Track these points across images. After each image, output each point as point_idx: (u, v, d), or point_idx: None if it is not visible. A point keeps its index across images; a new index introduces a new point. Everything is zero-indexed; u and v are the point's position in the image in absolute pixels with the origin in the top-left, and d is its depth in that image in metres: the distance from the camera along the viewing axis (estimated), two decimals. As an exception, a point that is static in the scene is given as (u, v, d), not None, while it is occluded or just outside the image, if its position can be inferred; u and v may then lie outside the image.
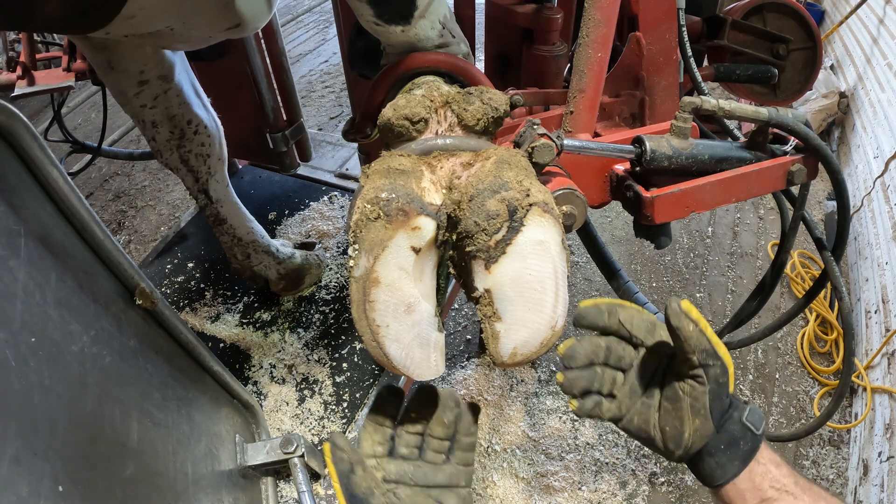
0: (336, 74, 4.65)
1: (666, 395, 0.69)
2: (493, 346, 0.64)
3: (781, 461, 0.68)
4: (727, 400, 0.65)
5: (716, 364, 0.63)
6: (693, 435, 0.65)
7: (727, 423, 0.66)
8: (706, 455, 0.66)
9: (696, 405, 0.65)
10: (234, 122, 2.09)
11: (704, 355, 0.63)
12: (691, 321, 0.63)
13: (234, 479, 1.37)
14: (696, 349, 0.63)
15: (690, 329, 0.62)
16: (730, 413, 0.66)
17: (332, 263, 2.25)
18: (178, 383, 1.19)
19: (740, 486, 0.66)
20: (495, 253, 0.62)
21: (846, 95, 3.44)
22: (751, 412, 0.67)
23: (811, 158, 0.85)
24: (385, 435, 0.71)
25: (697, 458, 0.67)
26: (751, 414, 0.67)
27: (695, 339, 0.63)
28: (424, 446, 0.72)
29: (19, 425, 0.65)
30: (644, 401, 0.70)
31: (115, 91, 1.46)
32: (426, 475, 0.70)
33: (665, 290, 2.78)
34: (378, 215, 0.61)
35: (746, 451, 0.66)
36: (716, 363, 0.63)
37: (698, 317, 0.64)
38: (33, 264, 0.77)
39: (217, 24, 1.03)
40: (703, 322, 0.64)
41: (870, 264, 2.60)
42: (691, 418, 0.65)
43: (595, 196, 0.91)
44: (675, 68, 1.06)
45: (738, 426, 0.66)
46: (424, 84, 0.88)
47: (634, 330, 0.70)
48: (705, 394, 0.64)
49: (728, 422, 0.66)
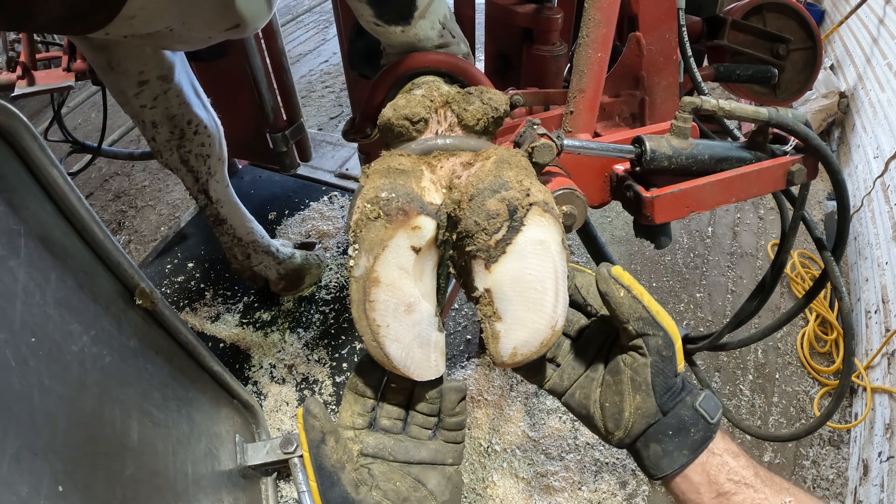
0: (336, 74, 4.66)
1: (609, 368, 0.64)
2: (493, 346, 0.64)
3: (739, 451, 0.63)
4: (676, 379, 0.60)
5: (657, 334, 0.59)
6: (634, 413, 0.61)
7: (677, 407, 0.60)
8: (651, 441, 0.61)
9: (637, 379, 0.60)
10: (234, 122, 2.09)
11: (641, 324, 0.58)
12: (622, 286, 0.58)
13: (234, 479, 1.37)
14: (629, 317, 0.58)
15: (621, 295, 0.58)
16: (681, 396, 0.61)
17: (332, 263, 2.25)
18: (178, 383, 1.19)
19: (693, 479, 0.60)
20: (495, 253, 0.62)
21: (846, 95, 3.44)
22: (706, 398, 0.62)
23: (811, 158, 0.84)
24: (366, 406, 0.66)
25: (642, 444, 0.62)
26: (705, 400, 0.61)
27: (627, 305, 0.58)
28: (409, 419, 0.67)
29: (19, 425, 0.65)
30: (588, 374, 0.66)
31: (115, 91, 1.46)
32: (407, 451, 0.65)
33: (665, 290, 2.78)
34: (378, 215, 0.61)
35: (698, 439, 0.60)
36: (657, 333, 0.59)
37: (631, 282, 0.59)
38: (33, 264, 0.77)
39: (217, 24, 1.03)
40: (638, 288, 0.59)
41: (870, 264, 2.60)
42: (632, 394, 0.60)
43: (595, 196, 0.91)
44: (675, 68, 1.06)
45: (690, 411, 0.60)
46: (424, 84, 0.88)
47: (590, 298, 0.65)
48: (647, 367, 0.59)
49: (678, 405, 0.60)
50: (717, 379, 2.41)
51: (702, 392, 0.62)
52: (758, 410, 2.31)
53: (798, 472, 2.13)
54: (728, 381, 2.40)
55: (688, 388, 0.62)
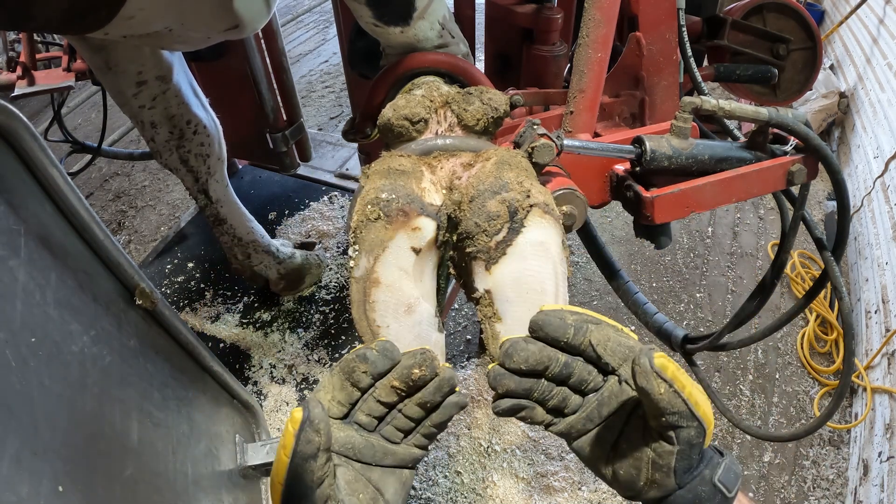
0: (336, 74, 4.65)
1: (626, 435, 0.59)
2: (493, 346, 0.64)
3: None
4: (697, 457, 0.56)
5: (690, 426, 0.54)
6: (649, 486, 0.57)
7: (694, 482, 0.56)
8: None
9: (659, 462, 0.56)
10: (234, 122, 2.09)
11: (677, 417, 0.53)
12: (664, 381, 0.52)
13: (234, 479, 1.37)
14: (666, 411, 0.53)
15: (662, 391, 0.52)
16: (699, 470, 0.57)
17: (332, 263, 2.25)
18: (178, 383, 1.19)
19: None
20: (496, 254, 0.62)
21: (846, 95, 3.44)
22: (725, 470, 0.57)
23: (811, 158, 0.84)
24: (351, 397, 0.61)
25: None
26: (725, 472, 0.57)
27: (666, 400, 0.52)
28: (388, 418, 0.63)
29: (19, 425, 0.65)
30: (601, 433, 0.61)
31: (114, 92, 1.46)
32: (374, 454, 0.61)
33: (665, 290, 2.78)
34: (378, 216, 0.61)
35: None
36: (691, 425, 0.54)
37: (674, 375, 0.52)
38: (33, 264, 0.77)
39: (215, 25, 1.03)
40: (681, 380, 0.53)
41: (870, 264, 2.60)
42: (650, 471, 0.57)
43: (595, 196, 0.91)
44: (675, 68, 1.06)
45: (708, 487, 0.56)
46: (424, 84, 0.88)
47: (607, 355, 0.58)
48: (672, 454, 0.55)
49: (695, 480, 0.56)
50: (717, 379, 2.41)
51: (721, 462, 0.58)
52: (758, 410, 2.31)
53: (798, 473, 2.13)
54: (728, 381, 2.40)
55: (708, 458, 0.58)
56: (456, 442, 2.07)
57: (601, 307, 2.69)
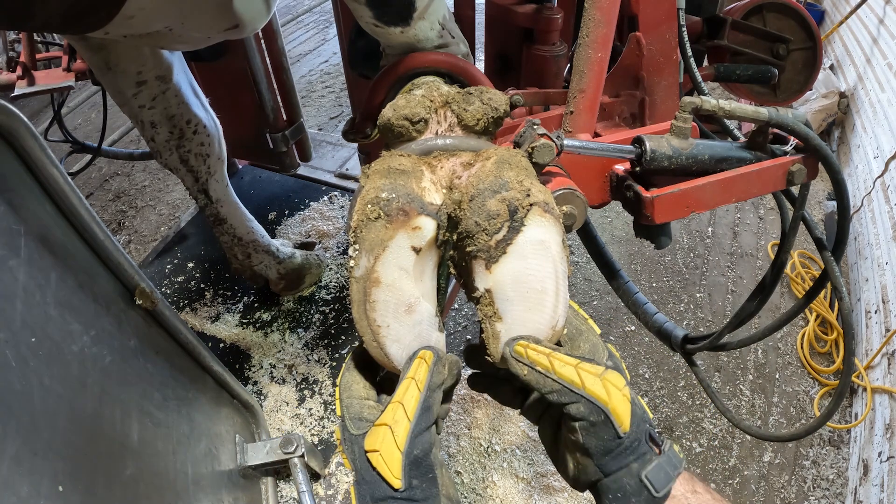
0: (336, 74, 4.66)
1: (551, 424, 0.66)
2: (493, 346, 0.64)
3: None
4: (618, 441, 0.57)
5: (576, 402, 0.57)
6: (578, 470, 0.61)
7: (620, 472, 0.58)
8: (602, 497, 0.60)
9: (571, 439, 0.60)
10: (234, 122, 2.09)
11: (556, 395, 0.58)
12: (525, 364, 0.58)
13: (234, 479, 1.37)
14: (542, 390, 0.58)
15: (525, 373, 0.58)
16: (626, 461, 0.58)
17: (332, 263, 2.25)
18: (178, 383, 1.19)
19: None
20: (496, 253, 0.62)
21: (846, 95, 3.44)
22: (656, 468, 0.57)
23: (811, 158, 0.84)
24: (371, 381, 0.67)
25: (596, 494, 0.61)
26: (655, 470, 0.57)
27: (535, 381, 0.58)
28: None
29: (19, 425, 0.65)
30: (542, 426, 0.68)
31: (113, 92, 1.46)
32: None
33: (665, 290, 2.78)
34: (378, 215, 0.61)
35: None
36: (575, 400, 0.57)
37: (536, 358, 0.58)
38: (33, 264, 0.77)
39: (215, 24, 1.03)
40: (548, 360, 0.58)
41: (870, 264, 2.60)
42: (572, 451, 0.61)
43: (595, 196, 0.91)
44: (675, 68, 1.06)
45: (634, 481, 0.57)
46: (424, 84, 0.88)
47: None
48: (576, 430, 0.58)
49: (621, 471, 0.58)
50: (717, 379, 2.41)
51: (655, 459, 0.58)
52: (758, 410, 2.31)
53: (798, 473, 2.13)
54: (728, 381, 2.40)
55: (637, 450, 0.58)
56: (456, 442, 2.07)
57: (601, 307, 2.69)
